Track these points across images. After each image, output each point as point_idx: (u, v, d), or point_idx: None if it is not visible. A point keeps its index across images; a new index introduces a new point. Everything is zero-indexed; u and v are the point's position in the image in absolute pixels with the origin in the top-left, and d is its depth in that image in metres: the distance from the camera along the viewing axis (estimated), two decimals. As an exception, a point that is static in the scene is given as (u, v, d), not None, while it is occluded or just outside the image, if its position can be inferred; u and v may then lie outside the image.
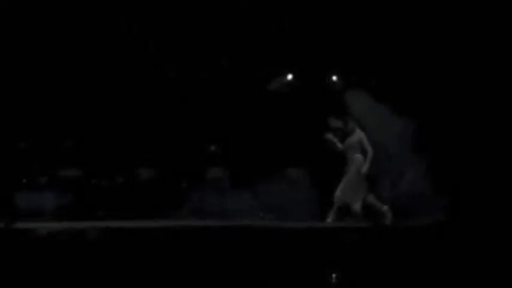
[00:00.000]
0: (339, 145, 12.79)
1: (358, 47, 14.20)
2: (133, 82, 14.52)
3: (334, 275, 6.64)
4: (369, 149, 12.57)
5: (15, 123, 14.19)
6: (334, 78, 15.61)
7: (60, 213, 13.45)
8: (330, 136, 12.83)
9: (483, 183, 13.26)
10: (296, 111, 14.39)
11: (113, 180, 14.50)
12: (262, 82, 15.13)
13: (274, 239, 8.02)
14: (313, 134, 13.53)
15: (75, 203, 13.88)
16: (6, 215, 11.08)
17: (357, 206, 12.50)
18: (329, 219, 12.42)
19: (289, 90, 15.37)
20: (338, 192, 12.54)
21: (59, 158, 14.42)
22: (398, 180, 14.44)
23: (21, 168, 14.15)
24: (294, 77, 15.64)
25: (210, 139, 15.22)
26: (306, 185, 14.29)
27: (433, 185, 13.51)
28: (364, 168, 12.50)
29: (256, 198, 14.22)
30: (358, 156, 12.63)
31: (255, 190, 14.26)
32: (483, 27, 13.69)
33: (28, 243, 7.57)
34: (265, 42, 14.40)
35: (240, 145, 14.85)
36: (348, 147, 12.74)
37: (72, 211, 13.57)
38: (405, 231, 9.77)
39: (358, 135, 12.69)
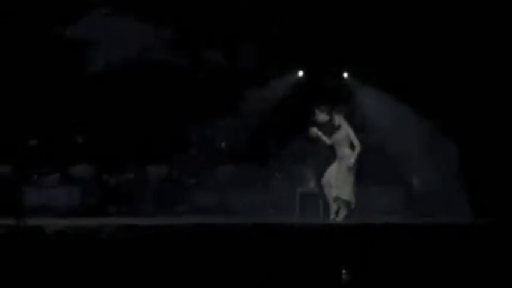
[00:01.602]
0: (325, 139, 12.60)
1: (370, 44, 14.16)
2: (142, 80, 14.50)
3: (344, 272, 6.60)
4: (357, 144, 12.37)
5: (26, 119, 14.21)
6: (345, 75, 15.59)
7: (71, 210, 13.46)
8: (314, 130, 12.61)
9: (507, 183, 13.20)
10: (303, 108, 14.32)
11: (124, 176, 14.50)
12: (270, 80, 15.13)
13: (286, 236, 7.99)
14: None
15: (86, 200, 13.89)
16: (17, 212, 11.05)
17: (352, 200, 12.44)
18: (338, 218, 12.36)
19: (299, 87, 15.37)
20: (334, 192, 12.44)
21: (70, 154, 14.42)
22: (412, 179, 14.47)
23: (32, 164, 14.16)
24: (304, 75, 15.63)
25: (219, 136, 15.20)
26: (311, 181, 14.29)
27: (453, 185, 13.48)
28: (352, 160, 12.35)
29: (265, 194, 14.23)
30: (347, 152, 12.51)
31: (264, 186, 14.27)
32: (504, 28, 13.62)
33: (39, 240, 7.55)
34: (273, 40, 14.37)
35: (247, 142, 14.82)
36: (335, 142, 12.55)
37: (83, 208, 13.59)
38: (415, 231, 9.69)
39: (346, 130, 12.44)
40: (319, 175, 14.14)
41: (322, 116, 12.70)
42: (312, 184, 14.20)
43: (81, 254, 6.93)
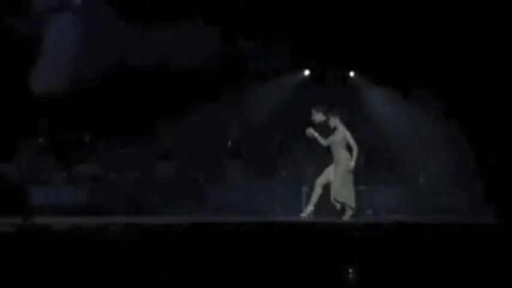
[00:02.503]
0: (321, 140, 12.67)
1: (377, 43, 14.13)
2: (150, 76, 14.49)
3: (351, 270, 6.59)
4: (354, 145, 12.48)
5: (34, 118, 14.23)
6: (352, 73, 15.58)
7: (77, 208, 13.46)
8: (310, 131, 12.71)
9: None
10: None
11: (131, 175, 14.51)
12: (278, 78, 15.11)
13: (293, 235, 7.99)
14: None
15: (93, 198, 13.89)
16: (24, 210, 11.05)
17: (350, 202, 12.49)
18: (344, 217, 12.39)
19: (305, 86, 15.36)
20: (334, 196, 12.51)
21: (77, 153, 14.43)
22: (419, 178, 14.46)
23: (39, 163, 14.17)
24: (310, 73, 15.63)
25: (227, 135, 15.19)
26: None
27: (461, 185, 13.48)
28: (352, 163, 12.42)
29: (272, 193, 14.23)
30: (343, 154, 12.53)
31: (271, 185, 14.27)
32: None
33: (45, 239, 7.55)
34: (279, 39, 14.34)
35: (253, 141, 14.80)
36: (331, 144, 12.63)
37: (89, 206, 13.59)
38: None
39: (342, 132, 12.54)
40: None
41: (318, 116, 12.84)
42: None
43: (88, 253, 6.92)
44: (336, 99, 14.28)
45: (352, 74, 15.59)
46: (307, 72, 15.64)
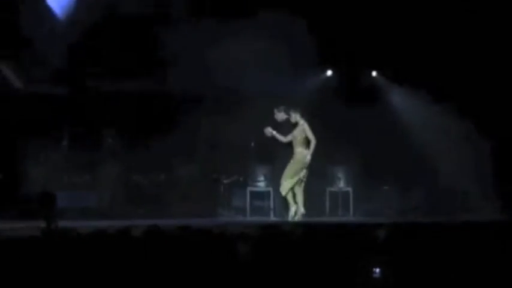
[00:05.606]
0: (280, 137, 13.09)
1: (400, 42, 14.09)
2: (172, 76, 14.54)
3: (375, 270, 6.56)
4: (313, 138, 12.88)
5: (57, 121, 14.32)
6: (374, 73, 15.54)
7: (101, 211, 13.52)
8: (268, 130, 13.20)
9: None
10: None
11: (154, 177, 14.54)
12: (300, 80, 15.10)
13: (318, 235, 7.96)
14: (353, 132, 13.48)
15: (116, 201, 13.94)
16: (48, 214, 11.11)
17: (286, 194, 12.95)
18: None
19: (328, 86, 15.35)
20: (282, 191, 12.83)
21: (100, 155, 14.49)
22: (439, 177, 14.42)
23: (62, 166, 14.25)
24: (332, 73, 15.61)
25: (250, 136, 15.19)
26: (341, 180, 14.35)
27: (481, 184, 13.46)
28: (309, 157, 12.61)
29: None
30: (299, 149, 12.90)
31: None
32: None
33: (70, 243, 7.57)
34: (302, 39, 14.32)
35: (275, 141, 14.79)
36: (293, 139, 13.03)
37: (112, 209, 13.64)
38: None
39: (302, 126, 12.94)
40: (349, 174, 14.19)
41: (280, 115, 13.33)
42: (341, 183, 14.23)
43: (111, 256, 6.94)
44: (358, 99, 14.32)
45: (374, 73, 15.55)
46: (329, 73, 15.62)
